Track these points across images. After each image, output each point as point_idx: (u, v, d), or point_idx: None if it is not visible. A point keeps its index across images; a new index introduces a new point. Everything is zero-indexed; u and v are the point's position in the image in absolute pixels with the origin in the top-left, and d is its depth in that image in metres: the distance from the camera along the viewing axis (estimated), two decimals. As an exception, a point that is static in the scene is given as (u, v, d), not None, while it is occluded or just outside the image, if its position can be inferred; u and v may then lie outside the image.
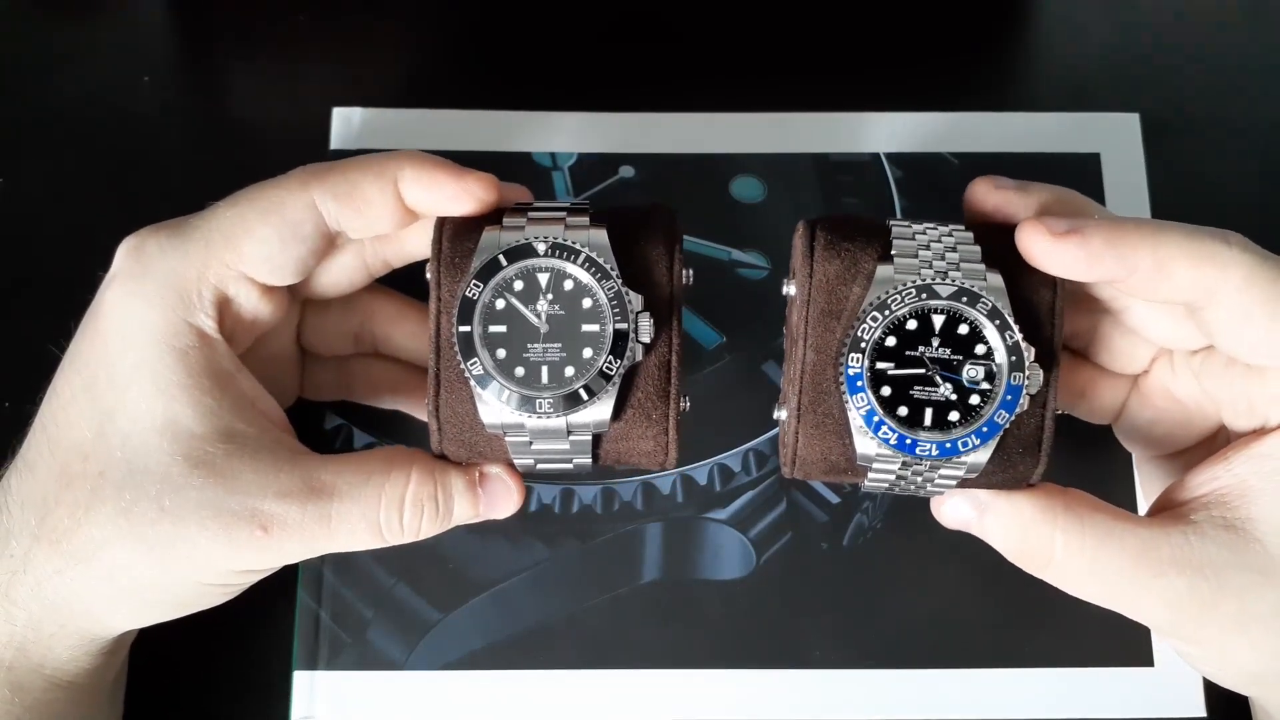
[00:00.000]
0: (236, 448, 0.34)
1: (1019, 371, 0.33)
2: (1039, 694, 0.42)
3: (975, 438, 0.33)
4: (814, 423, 0.34)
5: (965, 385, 0.33)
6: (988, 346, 0.33)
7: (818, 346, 0.34)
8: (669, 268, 0.35)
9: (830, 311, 0.34)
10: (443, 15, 0.52)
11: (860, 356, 0.33)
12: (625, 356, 0.33)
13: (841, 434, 0.34)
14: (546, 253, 0.34)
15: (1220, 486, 0.34)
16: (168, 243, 0.35)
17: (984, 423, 0.33)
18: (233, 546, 0.33)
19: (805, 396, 0.34)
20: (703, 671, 0.43)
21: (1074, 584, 0.34)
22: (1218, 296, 0.33)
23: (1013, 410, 0.33)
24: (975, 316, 0.33)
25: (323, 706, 0.42)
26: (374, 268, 0.39)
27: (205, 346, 0.35)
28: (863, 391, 0.33)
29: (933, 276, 0.33)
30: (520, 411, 0.33)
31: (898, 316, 0.33)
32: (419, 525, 0.35)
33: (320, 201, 0.35)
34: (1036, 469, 0.34)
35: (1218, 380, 0.36)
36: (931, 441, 0.33)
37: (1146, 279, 0.33)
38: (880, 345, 0.33)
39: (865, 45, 0.51)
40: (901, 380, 0.33)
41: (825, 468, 0.35)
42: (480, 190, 0.35)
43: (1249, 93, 0.50)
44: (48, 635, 0.35)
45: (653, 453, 0.35)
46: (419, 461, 0.35)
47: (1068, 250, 0.33)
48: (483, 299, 0.33)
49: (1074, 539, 0.34)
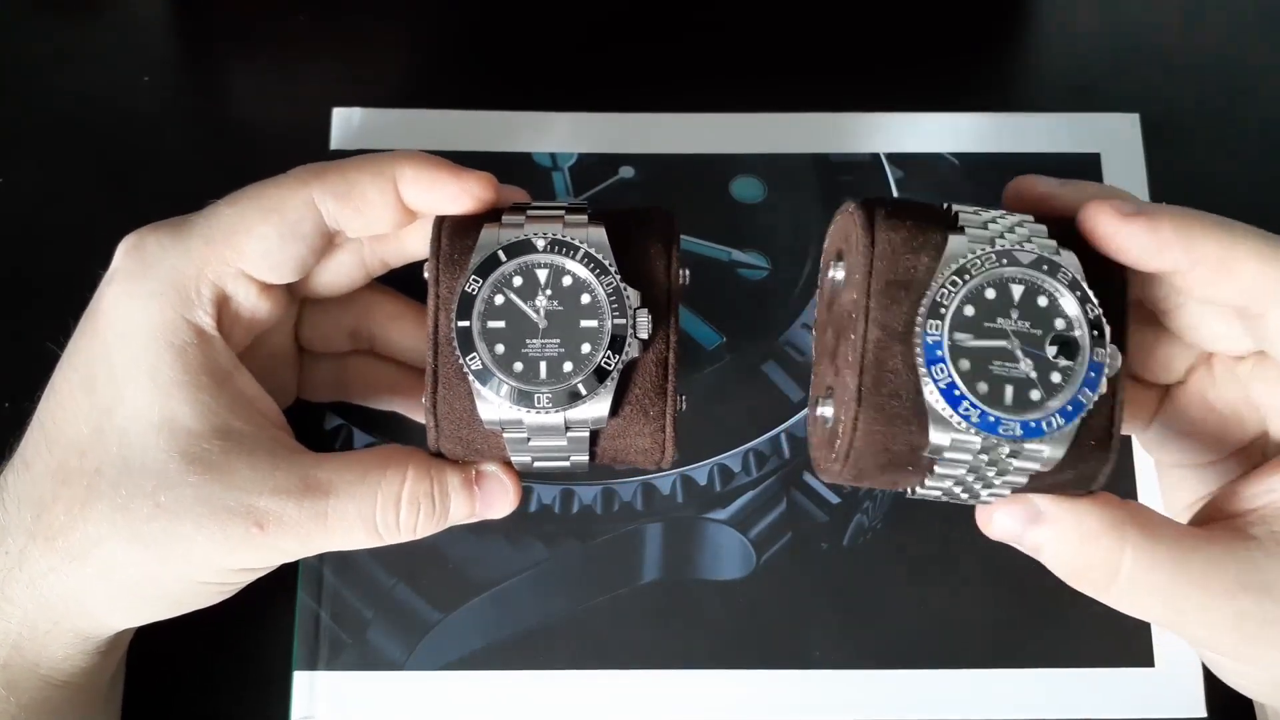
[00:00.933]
0: (233, 445, 0.34)
1: (1100, 347, 0.31)
2: (1039, 694, 0.42)
3: (1060, 417, 0.30)
4: (877, 405, 0.31)
5: (1048, 361, 0.31)
6: (1067, 320, 0.31)
7: (883, 322, 0.31)
8: (666, 266, 0.35)
9: (897, 283, 0.31)
10: (443, 15, 0.52)
11: (940, 324, 0.30)
12: (623, 352, 0.33)
13: (909, 419, 0.31)
14: (546, 248, 0.34)
15: (1278, 499, 0.33)
16: (168, 240, 0.35)
17: (1069, 401, 0.30)
18: (228, 544, 0.33)
19: (867, 377, 0.31)
20: (703, 671, 0.43)
21: (1138, 604, 0.32)
22: (1278, 302, 0.32)
23: (1095, 389, 0.30)
24: (1055, 287, 0.31)
25: (323, 707, 0.42)
26: (372, 267, 0.39)
27: (203, 344, 0.35)
28: (943, 362, 0.30)
29: (1010, 244, 0.31)
30: (518, 407, 0.33)
31: (977, 284, 0.31)
32: (415, 523, 0.35)
33: (320, 200, 0.36)
34: (1105, 467, 0.32)
35: (1269, 386, 0.35)
36: (1015, 420, 0.30)
37: (1210, 274, 0.32)
38: (959, 315, 0.31)
39: (865, 45, 0.51)
40: (981, 353, 0.30)
41: (881, 462, 0.32)
42: (479, 189, 0.35)
43: (1249, 93, 0.50)
44: (43, 633, 0.35)
45: (650, 450, 0.35)
46: (415, 459, 0.35)
47: (1136, 232, 0.31)
48: (481, 294, 0.34)
49: (1145, 556, 0.31)
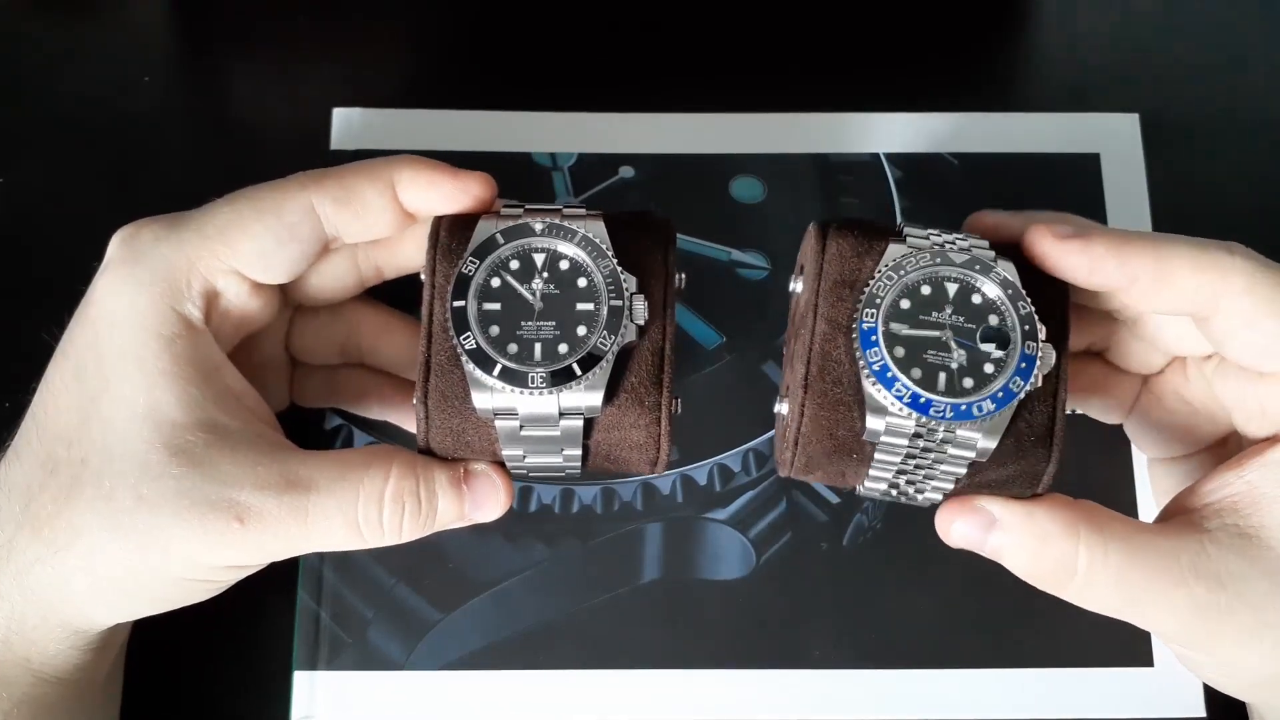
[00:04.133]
0: (217, 438, 0.34)
1: (1032, 340, 0.33)
2: (1038, 694, 0.42)
3: (990, 401, 0.32)
4: (821, 391, 0.34)
5: (979, 351, 0.33)
6: (1000, 317, 0.33)
7: (829, 316, 0.34)
8: (664, 262, 0.35)
9: (843, 282, 0.34)
10: (443, 15, 0.52)
11: (874, 312, 0.33)
12: (619, 334, 0.33)
13: (850, 404, 0.33)
14: (543, 232, 0.34)
15: (1233, 493, 0.34)
16: (161, 232, 0.35)
17: (1000, 388, 0.32)
18: (208, 538, 0.33)
19: (814, 366, 0.34)
20: (702, 671, 0.43)
21: (1094, 599, 0.34)
22: (1222, 304, 0.33)
23: (1027, 379, 0.32)
24: (988, 284, 0.33)
25: (323, 706, 0.42)
26: (366, 274, 0.39)
27: (191, 336, 0.35)
28: (876, 346, 0.32)
29: (946, 245, 0.34)
30: (512, 389, 0.33)
31: (912, 279, 0.33)
32: (400, 523, 0.34)
33: (318, 205, 0.36)
34: (1049, 464, 0.34)
35: (1230, 385, 0.36)
36: (946, 403, 0.32)
37: (1149, 287, 0.33)
38: (895, 307, 0.33)
39: (866, 45, 0.51)
40: (915, 343, 0.33)
41: (829, 448, 0.34)
42: (477, 188, 0.36)
43: (1249, 94, 0.51)
44: (31, 628, 0.34)
45: (644, 445, 0.35)
46: (401, 457, 0.35)
47: (1071, 253, 0.33)
48: (478, 276, 0.34)
49: (1098, 553, 0.33)
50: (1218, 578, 0.33)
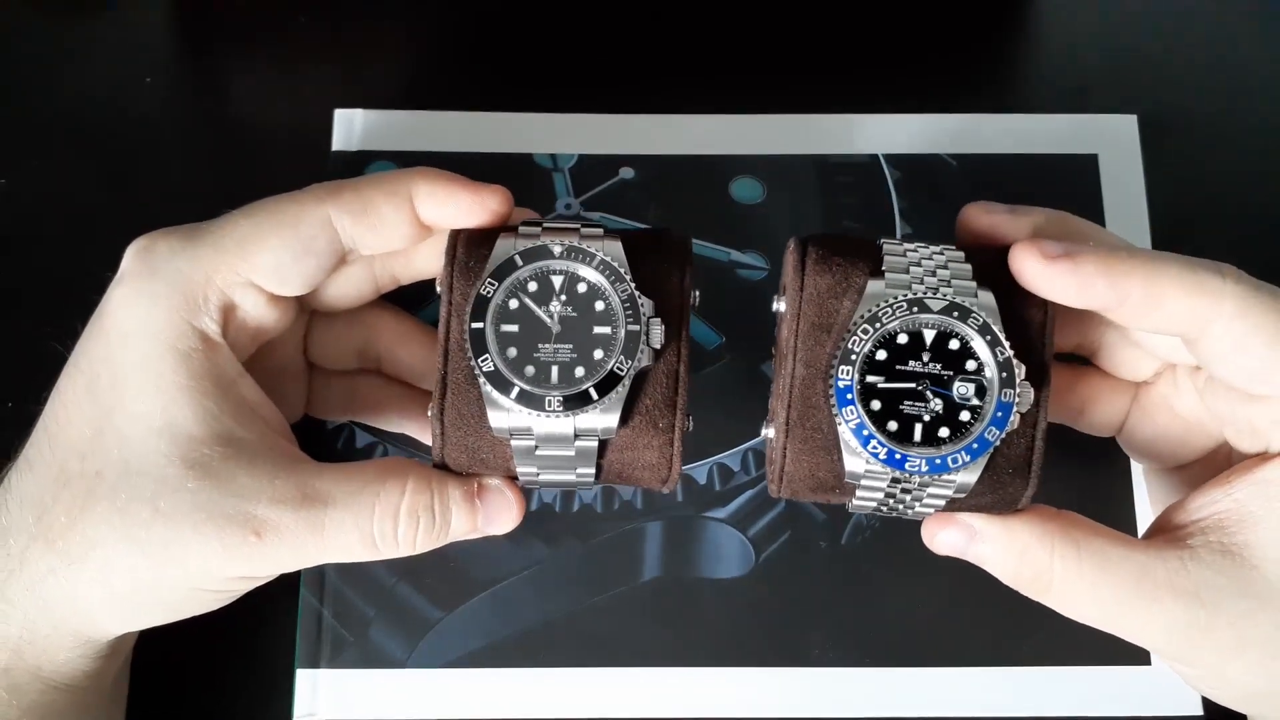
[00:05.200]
0: (234, 452, 0.34)
1: (1010, 388, 0.33)
2: (1038, 693, 0.43)
3: (965, 454, 0.33)
4: (802, 438, 0.34)
5: (956, 401, 0.33)
6: (978, 362, 0.33)
7: (807, 360, 0.34)
8: (680, 283, 0.35)
9: (820, 325, 0.34)
10: (443, 17, 0.52)
11: (850, 369, 0.33)
12: (636, 358, 0.33)
13: (830, 450, 0.34)
14: (562, 255, 0.34)
15: (1219, 511, 0.34)
16: (178, 245, 0.35)
17: (974, 439, 0.33)
18: (225, 551, 0.33)
19: (794, 411, 0.34)
20: (702, 670, 0.43)
21: (1072, 609, 0.34)
22: (1211, 327, 0.33)
23: (1003, 427, 0.33)
24: (966, 331, 0.33)
25: (325, 704, 0.42)
26: (382, 282, 0.39)
27: (208, 350, 0.35)
28: (852, 404, 0.33)
29: (924, 291, 0.33)
30: (528, 410, 0.33)
31: (888, 330, 0.33)
32: (414, 537, 0.34)
33: (336, 218, 0.36)
34: (1026, 491, 0.34)
35: (1220, 401, 0.36)
36: (921, 457, 0.32)
37: (1138, 308, 0.33)
38: (871, 359, 0.33)
39: (864, 46, 0.51)
40: (891, 395, 0.33)
41: (812, 485, 0.35)
42: (494, 202, 0.36)
43: (1248, 94, 0.51)
44: (43, 637, 0.35)
45: (656, 465, 0.35)
46: (416, 471, 0.35)
47: (1059, 275, 0.33)
48: (496, 298, 0.34)
49: (1071, 564, 0.33)
50: (1196, 594, 0.33)
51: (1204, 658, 0.34)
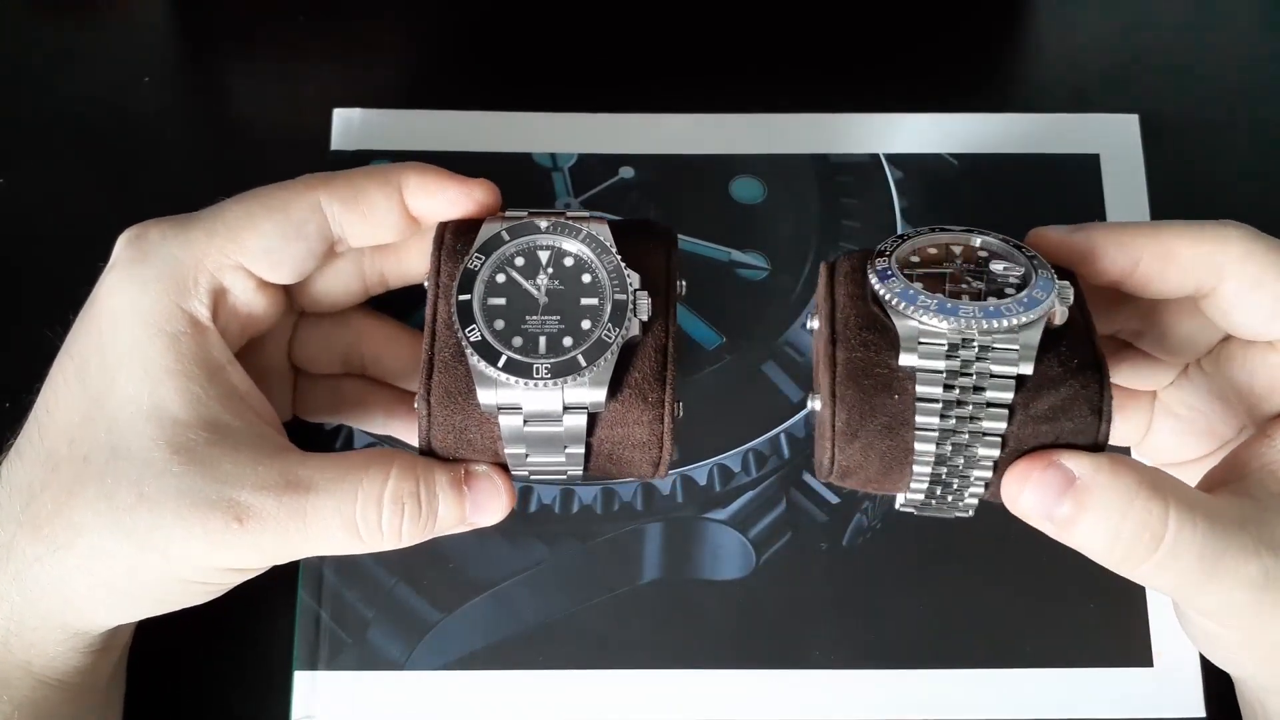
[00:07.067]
0: (219, 437, 0.34)
1: (1045, 270, 0.33)
2: (1039, 694, 0.42)
3: (1018, 305, 0.31)
4: (848, 342, 0.34)
5: (996, 278, 0.33)
6: (1006, 263, 0.34)
7: (850, 292, 0.35)
8: (665, 264, 0.36)
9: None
10: (443, 16, 0.52)
11: (886, 259, 0.34)
12: (623, 327, 0.33)
13: (881, 346, 0.33)
14: (548, 229, 0.35)
15: (1270, 460, 0.33)
16: (169, 231, 0.35)
17: (1025, 297, 0.32)
18: (207, 538, 0.33)
19: (838, 323, 0.34)
20: (702, 671, 0.43)
21: (1174, 573, 0.30)
22: (1224, 271, 0.34)
23: (1049, 292, 0.32)
24: (991, 240, 0.35)
25: (323, 706, 0.42)
26: (371, 282, 0.40)
27: (197, 334, 0.35)
28: (894, 277, 0.33)
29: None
30: (516, 380, 0.33)
31: (920, 242, 0.35)
32: (399, 526, 0.34)
33: (326, 204, 0.36)
34: (1102, 389, 0.32)
35: (1242, 369, 0.36)
36: (974, 306, 0.32)
37: (1151, 266, 0.34)
38: (906, 261, 0.34)
39: (865, 46, 0.51)
40: (932, 278, 0.33)
41: (867, 386, 0.33)
42: (481, 194, 0.36)
43: (1249, 94, 0.51)
44: (31, 629, 0.34)
45: (646, 444, 0.35)
46: (401, 459, 0.34)
47: (1075, 242, 0.35)
48: (483, 272, 0.34)
49: (1187, 519, 0.30)
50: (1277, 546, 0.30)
51: (1277, 618, 0.31)
